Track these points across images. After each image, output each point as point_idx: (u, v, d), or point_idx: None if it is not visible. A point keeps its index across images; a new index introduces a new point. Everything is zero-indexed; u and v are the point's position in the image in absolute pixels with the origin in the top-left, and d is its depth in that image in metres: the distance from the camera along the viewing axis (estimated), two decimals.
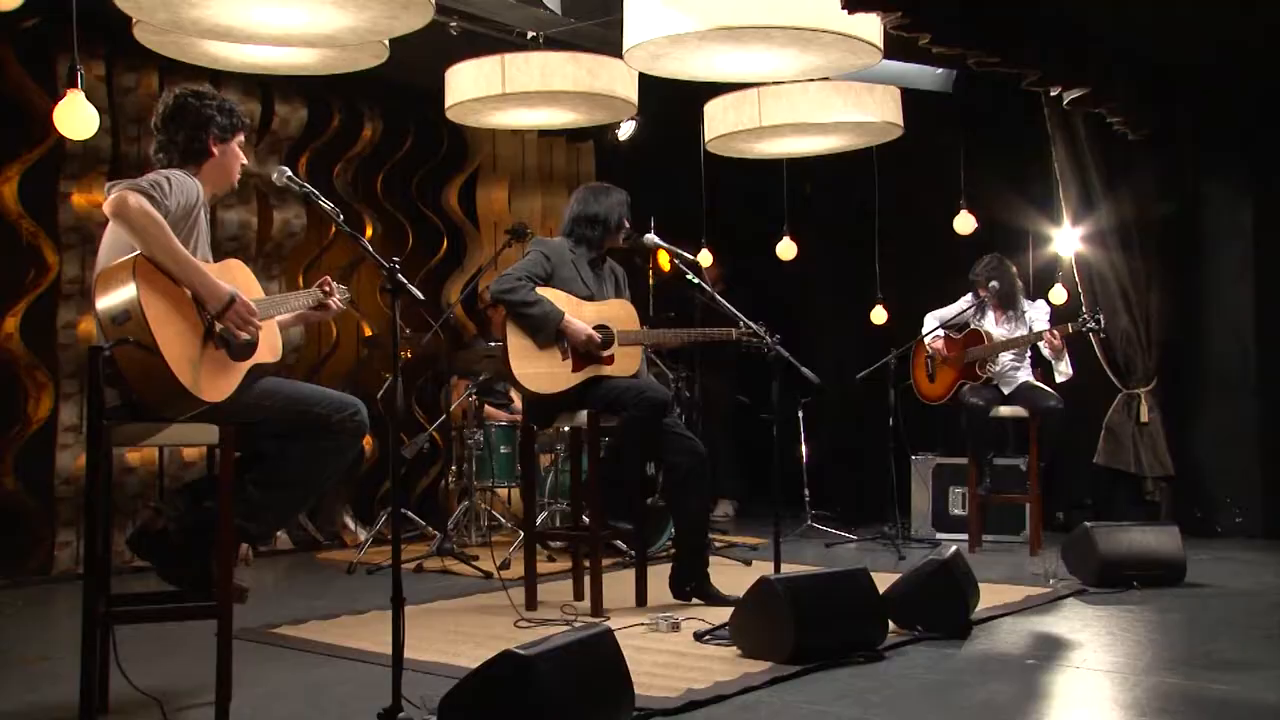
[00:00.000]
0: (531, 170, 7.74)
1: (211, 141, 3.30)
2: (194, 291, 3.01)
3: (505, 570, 5.38)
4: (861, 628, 3.69)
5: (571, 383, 4.39)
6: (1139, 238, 6.53)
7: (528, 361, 4.34)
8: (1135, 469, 6.54)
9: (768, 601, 3.57)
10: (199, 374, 2.97)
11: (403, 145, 7.07)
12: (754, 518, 7.55)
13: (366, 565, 5.53)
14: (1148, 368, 6.55)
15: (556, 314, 4.31)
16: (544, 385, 4.36)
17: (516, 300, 4.30)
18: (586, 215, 4.55)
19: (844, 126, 5.48)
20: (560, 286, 4.43)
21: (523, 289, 4.31)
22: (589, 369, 4.42)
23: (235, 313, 3.04)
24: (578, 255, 4.52)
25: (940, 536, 6.49)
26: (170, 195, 3.03)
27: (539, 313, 4.30)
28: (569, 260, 4.49)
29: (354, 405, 3.29)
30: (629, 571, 4.78)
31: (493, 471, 6.21)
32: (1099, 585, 4.81)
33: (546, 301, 4.32)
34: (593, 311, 4.45)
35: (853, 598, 3.70)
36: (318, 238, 6.77)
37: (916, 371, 6.50)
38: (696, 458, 4.44)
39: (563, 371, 4.38)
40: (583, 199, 4.61)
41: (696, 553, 4.53)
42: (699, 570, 4.52)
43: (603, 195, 4.58)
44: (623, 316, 4.51)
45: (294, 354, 6.30)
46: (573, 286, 4.45)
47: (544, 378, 4.36)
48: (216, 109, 3.31)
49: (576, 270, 4.49)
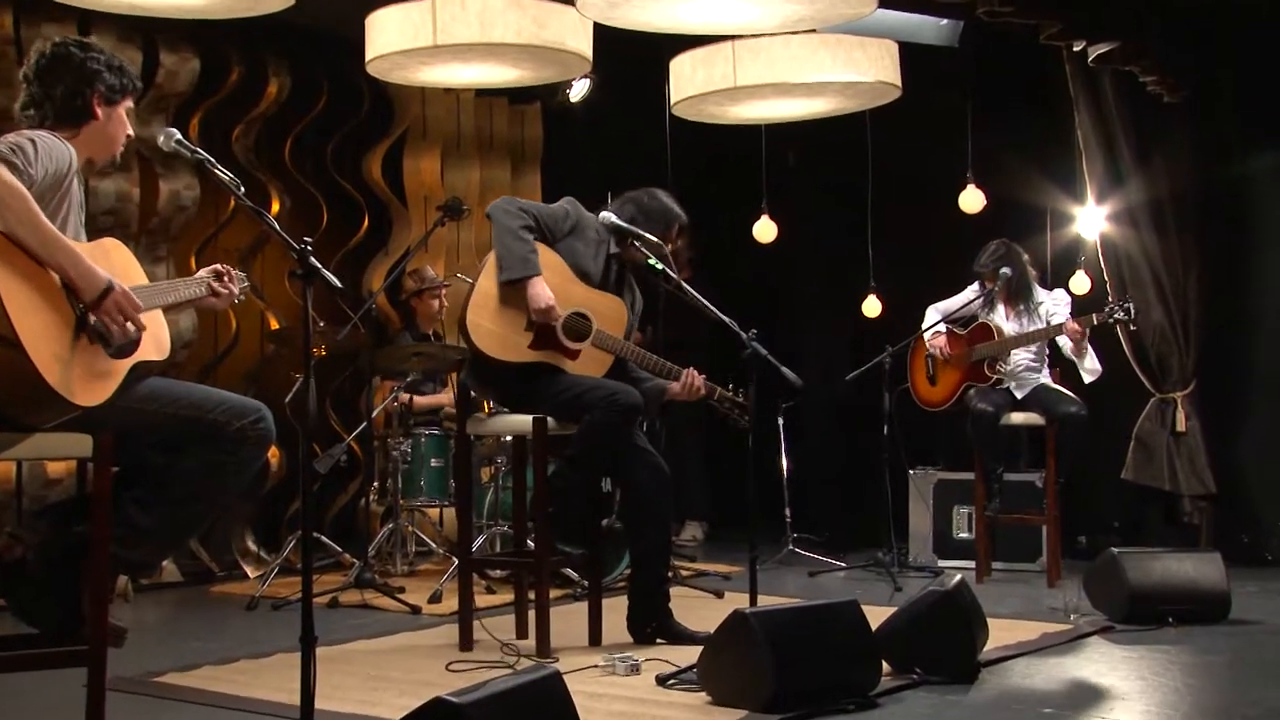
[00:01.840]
0: (468, 136, 7.70)
1: (96, 102, 3.26)
2: (63, 276, 2.97)
3: (436, 604, 5.36)
4: (851, 670, 3.70)
5: (522, 358, 4.35)
6: (1175, 216, 6.57)
7: (486, 313, 4.32)
8: (1170, 486, 6.59)
9: (742, 639, 3.57)
10: (70, 373, 2.92)
11: (315, 105, 7.02)
12: (726, 542, 7.55)
13: (271, 599, 5.50)
14: (1185, 368, 6.61)
15: (535, 266, 4.31)
16: (492, 346, 4.32)
17: (509, 225, 4.31)
18: (655, 209, 4.55)
19: (833, 87, 5.50)
20: (566, 253, 4.42)
21: (521, 219, 4.34)
22: (547, 353, 4.39)
23: (113, 302, 3.01)
24: (603, 239, 4.52)
25: (943, 564, 6.52)
26: (36, 161, 2.99)
27: (521, 252, 4.28)
28: (591, 237, 4.50)
29: (256, 411, 3.27)
30: (581, 605, 4.77)
31: (422, 488, 6.19)
32: (1128, 622, 4.85)
33: (533, 247, 4.32)
34: (582, 294, 4.43)
35: (841, 635, 3.71)
36: (213, 213, 6.71)
37: (915, 372, 6.53)
38: (659, 476, 4.44)
39: (518, 341, 4.35)
40: (641, 193, 4.61)
41: (657, 587, 4.52)
42: (661, 604, 4.52)
43: (662, 198, 4.62)
44: (612, 316, 4.49)
45: (184, 350, 6.24)
46: (580, 260, 4.44)
47: (495, 338, 4.32)
48: (105, 65, 3.27)
49: (594, 248, 4.48)
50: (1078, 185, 6.84)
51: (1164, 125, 6.49)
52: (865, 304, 7.11)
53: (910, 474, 6.75)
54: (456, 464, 5.44)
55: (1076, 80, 6.50)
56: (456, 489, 5.35)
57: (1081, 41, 5.69)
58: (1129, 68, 5.94)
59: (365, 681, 3.98)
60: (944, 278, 6.56)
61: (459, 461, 4.67)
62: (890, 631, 3.99)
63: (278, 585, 5.73)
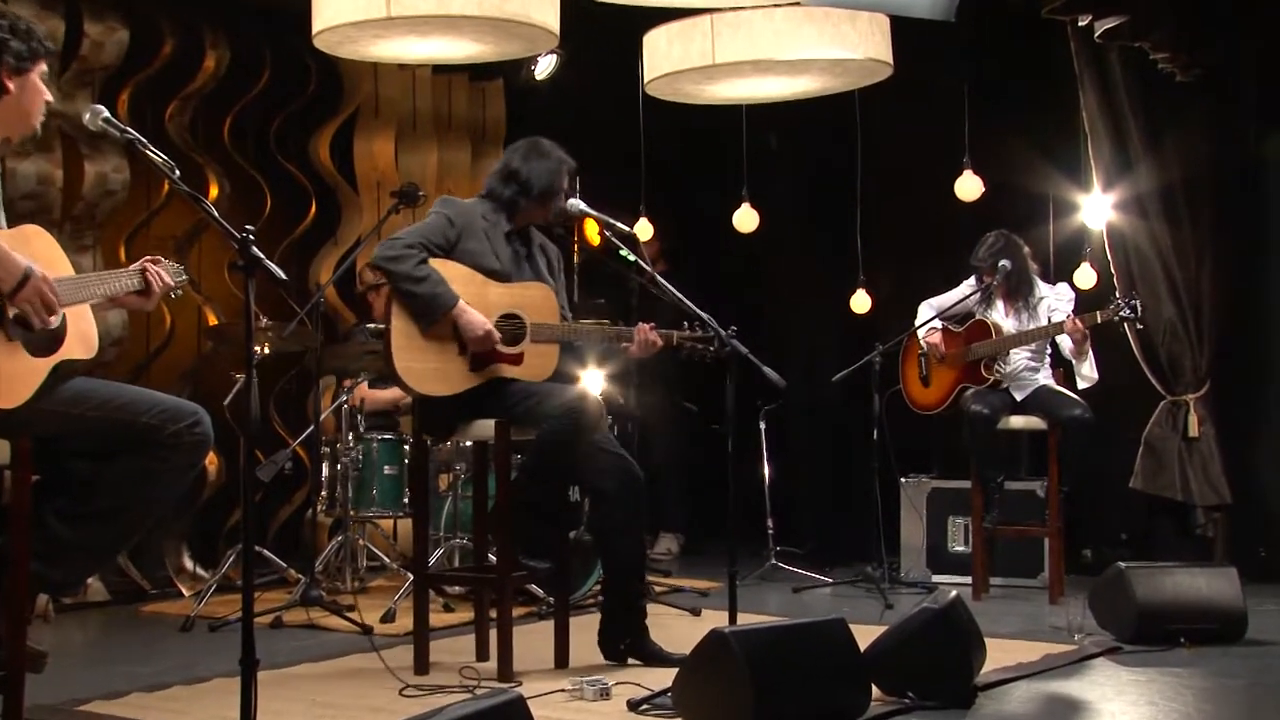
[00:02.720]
0: (425, 116, 7.68)
1: (4, 74, 3.23)
2: None
3: (389, 624, 5.34)
4: (838, 694, 3.70)
5: (468, 384, 4.37)
6: (1187, 205, 6.59)
7: (414, 353, 4.31)
8: (1182, 496, 6.62)
9: (720, 661, 3.57)
10: None
11: (257, 81, 6.98)
12: (704, 556, 7.56)
13: (208, 620, 5.47)
14: (1198, 368, 6.64)
15: (448, 297, 4.29)
16: (433, 385, 4.34)
17: (401, 272, 4.29)
18: (507, 170, 4.56)
19: (819, 65, 5.50)
20: (464, 259, 4.41)
21: (410, 258, 4.30)
22: (492, 367, 4.40)
23: (33, 289, 2.99)
24: (492, 223, 4.52)
25: (937, 579, 6.54)
26: None
27: (426, 291, 4.28)
28: (480, 229, 4.49)
29: (193, 414, 3.26)
30: (547, 624, 4.77)
31: (374, 497, 6.16)
32: (1136, 642, 4.86)
33: (439, 278, 4.30)
34: (502, 295, 4.44)
35: (827, 656, 3.71)
36: (144, 198, 6.67)
37: (907, 373, 6.55)
38: (631, 482, 4.43)
39: (457, 369, 4.36)
40: (510, 153, 4.65)
41: (631, 602, 4.53)
42: (634, 622, 4.52)
43: (537, 153, 4.61)
44: (540, 305, 4.50)
45: (114, 348, 6.20)
46: (481, 260, 4.44)
47: (433, 375, 4.33)
48: (10, 30, 3.24)
49: (489, 241, 4.48)
50: (1083, 171, 6.85)
51: (1176, 106, 6.51)
52: (854, 299, 7.11)
53: (902, 482, 6.77)
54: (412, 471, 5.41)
55: (1082, 57, 6.52)
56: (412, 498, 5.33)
57: (1087, 15, 5.71)
58: (1138, 44, 5.97)
59: (311, 708, 3.96)
60: (938, 271, 6.57)
61: (415, 468, 4.66)
62: (880, 652, 3.99)
63: (215, 604, 5.69)
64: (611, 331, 4.56)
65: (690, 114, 6.38)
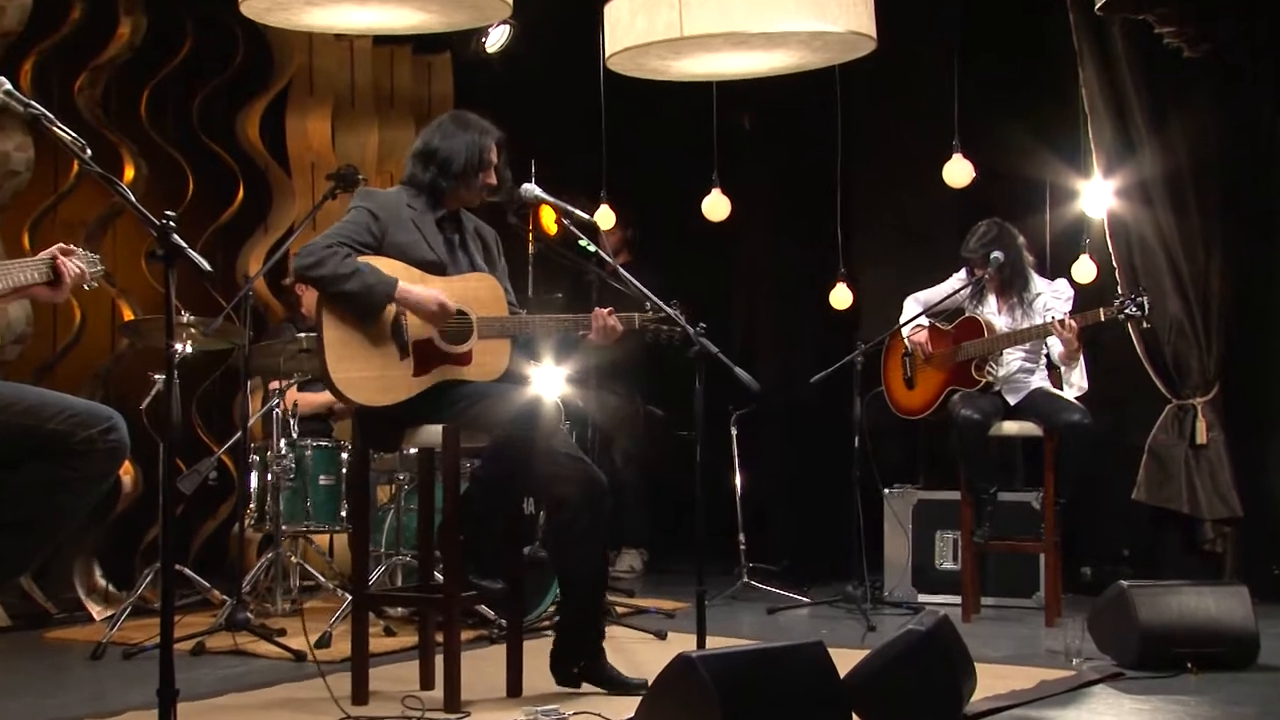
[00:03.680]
0: (364, 92, 7.67)
1: None
2: None
3: (324, 649, 5.32)
4: None
5: (414, 390, 4.36)
6: (1195, 192, 6.63)
7: (351, 361, 4.29)
8: (1189, 508, 6.66)
9: (687, 688, 3.57)
10: None
11: (178, 52, 6.95)
12: (670, 574, 7.57)
13: (121, 646, 5.44)
14: (1206, 369, 6.68)
15: (386, 285, 4.27)
16: (374, 394, 4.32)
17: (327, 275, 4.26)
18: (425, 150, 4.54)
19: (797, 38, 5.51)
20: (394, 254, 4.39)
21: (333, 258, 4.26)
22: (438, 369, 4.39)
23: None
24: (419, 211, 4.50)
25: (923, 599, 6.57)
26: None
27: (358, 287, 4.25)
28: (407, 219, 4.47)
29: (107, 419, 3.24)
30: (498, 648, 4.77)
31: (308, 510, 6.14)
32: (1140, 667, 4.89)
33: (369, 268, 4.28)
34: (443, 290, 4.42)
35: (804, 683, 3.71)
36: (50, 180, 6.65)
37: (891, 374, 6.57)
38: (593, 490, 4.43)
39: (400, 374, 4.35)
40: (427, 131, 4.62)
41: (589, 621, 4.53)
42: (592, 645, 4.52)
43: (454, 128, 4.58)
44: (485, 297, 4.49)
45: (16, 346, 6.16)
46: (413, 253, 4.42)
47: (374, 383, 4.32)
48: None
49: (419, 231, 4.46)
50: (1082, 155, 6.89)
51: (1183, 84, 6.54)
52: (833, 294, 7.14)
53: (885, 494, 6.79)
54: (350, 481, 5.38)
55: (1081, 32, 6.56)
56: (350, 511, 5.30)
57: None
58: (1142, 16, 5.99)
59: None
60: (925, 263, 6.60)
61: (353, 478, 4.64)
62: (862, 679, 4.00)
63: (130, 628, 5.65)
64: (567, 320, 4.55)
65: (656, 92, 6.38)
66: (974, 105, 6.94)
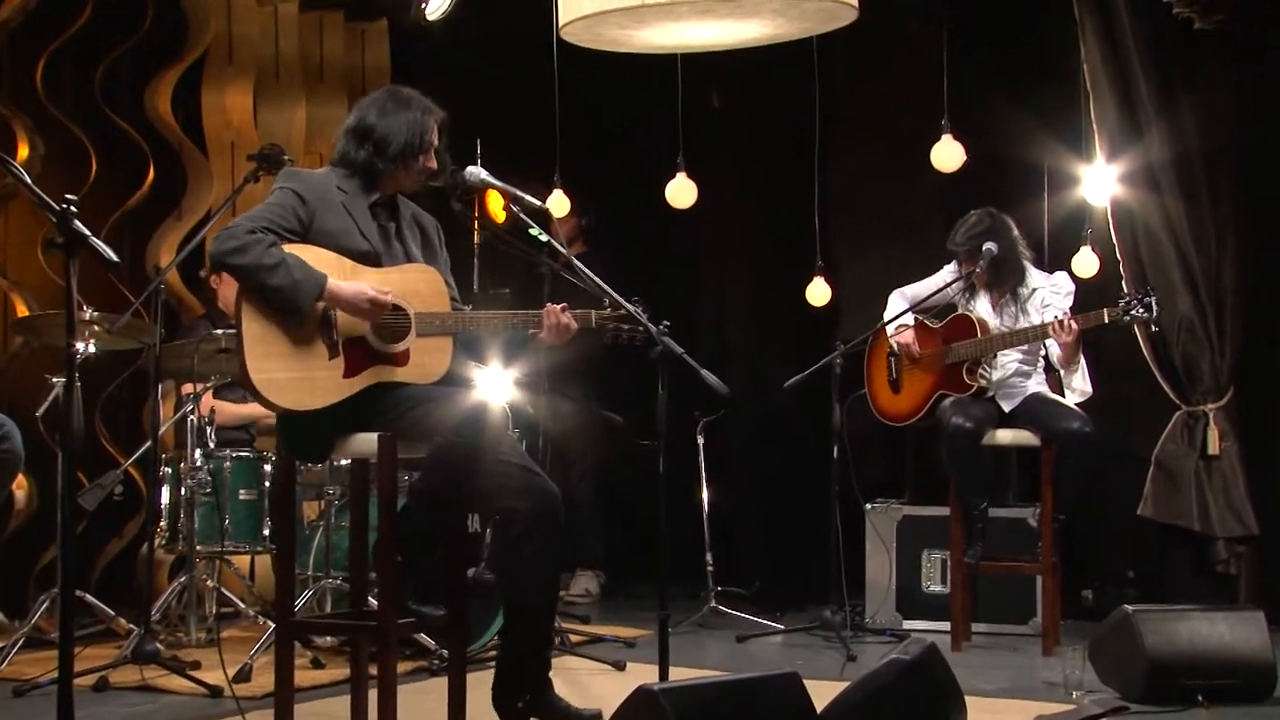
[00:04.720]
0: (290, 63, 7.65)
1: None
2: None
3: (244, 683, 5.30)
4: None
5: (344, 393, 4.33)
6: (1207, 178, 6.67)
7: (273, 360, 4.27)
8: (1200, 525, 6.70)
9: None
10: None
11: (77, 16, 6.90)
12: (629, 598, 7.58)
13: (13, 682, 5.40)
14: (1219, 373, 6.72)
15: (314, 280, 4.25)
16: (301, 397, 4.29)
17: (247, 264, 4.23)
18: (360, 127, 4.52)
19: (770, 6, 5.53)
20: (324, 242, 4.38)
21: (256, 246, 4.24)
22: (371, 370, 4.37)
23: None
24: (351, 195, 4.48)
25: (909, 626, 6.59)
26: None
27: (284, 281, 4.23)
28: (337, 202, 4.45)
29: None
30: (439, 681, 4.78)
31: (226, 529, 6.11)
32: (1146, 700, 4.91)
33: (297, 261, 4.26)
34: (378, 283, 4.41)
35: (777, 718, 3.72)
36: None
37: (874, 377, 6.59)
38: (545, 504, 4.41)
39: (329, 375, 4.32)
40: (362, 106, 4.59)
41: (536, 650, 4.51)
42: (538, 676, 4.51)
43: (393, 105, 4.56)
44: (424, 291, 4.47)
45: None
46: (344, 240, 4.40)
47: (299, 385, 4.29)
48: None
49: (351, 217, 4.44)
50: (1083, 138, 6.93)
51: (1194, 60, 6.58)
52: (810, 289, 7.14)
53: (867, 509, 6.81)
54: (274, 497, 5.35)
55: (1083, 3, 6.59)
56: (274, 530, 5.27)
57: None
58: None
59: None
60: (912, 255, 6.63)
61: (278, 493, 4.62)
62: (841, 713, 4.00)
63: (23, 662, 5.63)
64: (516, 317, 4.54)
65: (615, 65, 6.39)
66: (965, 82, 6.96)
